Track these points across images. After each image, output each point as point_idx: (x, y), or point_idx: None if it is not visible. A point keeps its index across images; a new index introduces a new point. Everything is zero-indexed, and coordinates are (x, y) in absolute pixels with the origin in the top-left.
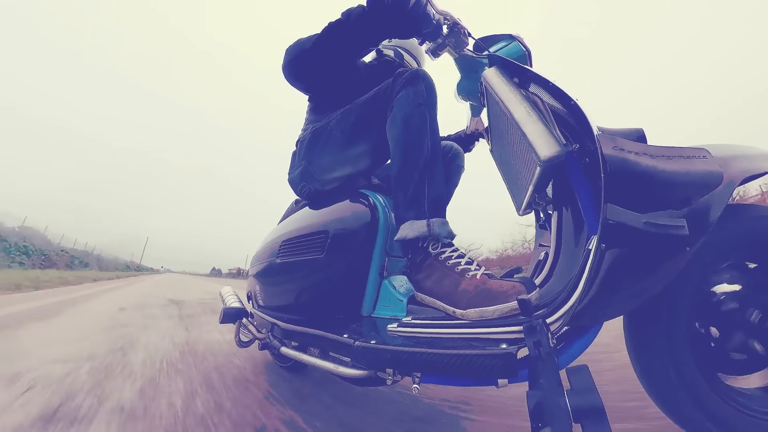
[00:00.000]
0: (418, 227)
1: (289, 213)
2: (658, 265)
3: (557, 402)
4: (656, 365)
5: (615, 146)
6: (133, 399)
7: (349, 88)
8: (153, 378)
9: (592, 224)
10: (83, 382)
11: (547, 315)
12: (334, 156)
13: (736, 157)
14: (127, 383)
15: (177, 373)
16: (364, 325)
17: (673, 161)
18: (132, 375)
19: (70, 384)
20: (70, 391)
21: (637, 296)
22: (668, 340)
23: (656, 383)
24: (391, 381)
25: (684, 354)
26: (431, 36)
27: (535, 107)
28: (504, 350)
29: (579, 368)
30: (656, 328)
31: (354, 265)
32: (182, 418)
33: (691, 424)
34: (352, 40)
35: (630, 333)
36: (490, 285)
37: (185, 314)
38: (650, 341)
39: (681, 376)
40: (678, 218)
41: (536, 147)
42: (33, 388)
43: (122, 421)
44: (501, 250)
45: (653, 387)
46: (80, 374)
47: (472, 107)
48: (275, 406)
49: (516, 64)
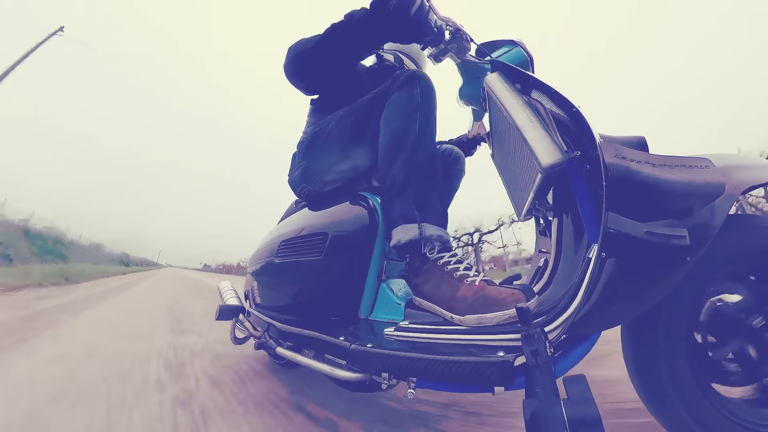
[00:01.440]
0: (410, 231)
1: (289, 213)
2: (658, 275)
3: (553, 412)
4: (651, 372)
5: (617, 154)
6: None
7: (349, 92)
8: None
9: (592, 232)
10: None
11: (545, 323)
12: (333, 157)
13: (737, 168)
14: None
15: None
16: (360, 328)
17: (675, 170)
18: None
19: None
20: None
21: (637, 306)
22: (665, 347)
23: (651, 390)
24: (387, 385)
25: (680, 362)
26: (433, 42)
27: (537, 113)
28: (501, 358)
29: (576, 378)
30: (653, 336)
31: (352, 268)
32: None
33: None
34: (354, 42)
35: (627, 339)
36: (488, 292)
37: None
38: (647, 348)
39: (676, 384)
40: (679, 228)
41: (537, 153)
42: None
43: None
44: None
45: (648, 394)
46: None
47: (474, 112)
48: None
49: (518, 70)
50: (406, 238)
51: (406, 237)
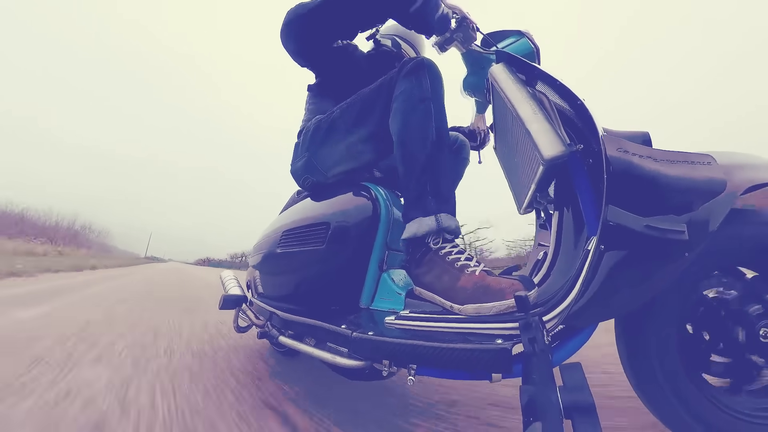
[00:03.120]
0: (427, 224)
1: (291, 203)
2: (655, 269)
3: (549, 398)
4: (644, 361)
5: (620, 148)
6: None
7: (346, 77)
8: None
9: (592, 225)
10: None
11: (543, 313)
12: (338, 148)
13: (740, 166)
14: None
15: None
16: (361, 317)
17: (677, 166)
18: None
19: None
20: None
21: (633, 299)
22: (657, 339)
23: (642, 379)
24: (387, 372)
25: (671, 353)
26: (439, 29)
27: (541, 106)
28: (499, 345)
29: (572, 366)
30: (646, 326)
31: (354, 257)
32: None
33: (675, 421)
34: (357, 11)
35: (620, 328)
36: (488, 282)
37: None
38: (640, 339)
39: (667, 373)
40: (679, 223)
41: (540, 146)
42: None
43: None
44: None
45: (639, 383)
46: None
47: (477, 104)
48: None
49: (524, 61)
50: (422, 231)
51: (423, 230)
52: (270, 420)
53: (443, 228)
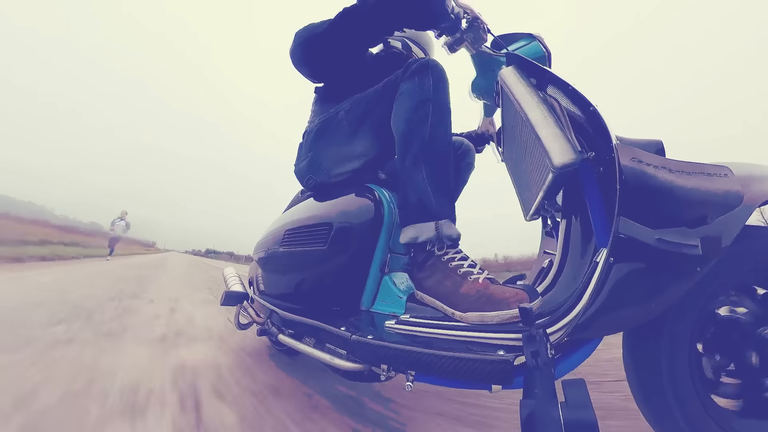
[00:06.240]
0: (426, 230)
1: (295, 203)
2: (666, 284)
3: (550, 413)
4: (652, 380)
5: (633, 157)
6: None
7: (356, 80)
8: None
9: (601, 236)
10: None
11: (547, 325)
12: (342, 148)
13: (758, 178)
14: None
15: None
16: (361, 320)
17: (693, 177)
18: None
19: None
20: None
21: (642, 314)
22: (668, 358)
23: (650, 397)
24: (385, 377)
25: (681, 372)
26: (449, 30)
27: (552, 111)
28: (501, 357)
29: (575, 381)
30: (656, 345)
31: (356, 259)
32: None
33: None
34: (367, 27)
35: (628, 345)
36: (492, 290)
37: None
38: (649, 357)
39: (676, 394)
40: (692, 237)
41: (550, 152)
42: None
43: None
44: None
45: (646, 400)
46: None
47: (486, 107)
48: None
49: (535, 65)
50: (423, 236)
51: (424, 236)
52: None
53: (443, 236)
